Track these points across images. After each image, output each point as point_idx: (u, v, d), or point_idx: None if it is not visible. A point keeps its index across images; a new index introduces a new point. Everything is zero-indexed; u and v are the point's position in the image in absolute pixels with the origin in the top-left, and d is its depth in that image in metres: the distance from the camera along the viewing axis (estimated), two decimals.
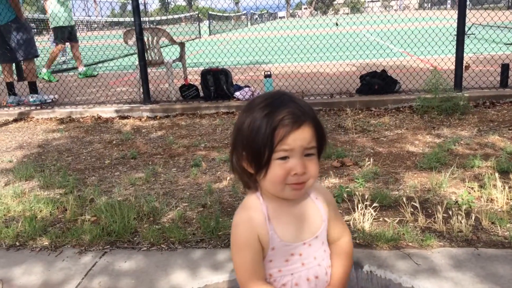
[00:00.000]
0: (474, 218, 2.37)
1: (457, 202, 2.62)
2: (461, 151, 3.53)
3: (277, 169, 1.12)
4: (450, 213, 2.46)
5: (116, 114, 5.61)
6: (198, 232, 2.47)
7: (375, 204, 2.54)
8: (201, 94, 5.92)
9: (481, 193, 2.70)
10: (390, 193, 2.80)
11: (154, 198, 2.93)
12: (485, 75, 5.67)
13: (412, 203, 2.51)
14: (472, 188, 2.79)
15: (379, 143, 3.89)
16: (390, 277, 1.97)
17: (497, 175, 2.75)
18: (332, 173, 3.22)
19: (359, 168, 3.29)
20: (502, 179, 2.76)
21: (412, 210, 2.49)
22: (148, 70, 5.94)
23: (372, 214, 2.44)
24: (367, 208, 2.45)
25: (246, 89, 5.70)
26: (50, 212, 2.82)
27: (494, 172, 2.90)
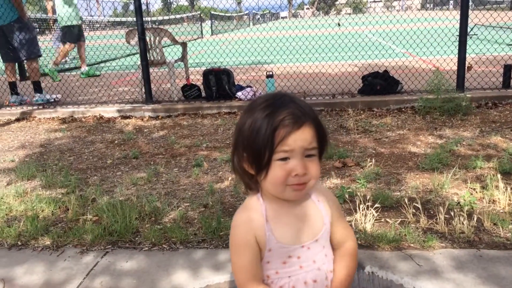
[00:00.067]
0: (476, 219, 2.36)
1: (459, 203, 2.62)
2: (463, 152, 3.52)
3: (278, 170, 1.12)
4: (452, 214, 2.46)
5: (118, 114, 5.62)
6: (200, 232, 2.47)
7: (377, 205, 2.54)
8: (203, 94, 5.92)
9: (483, 194, 2.70)
10: (392, 194, 2.79)
11: (156, 198, 2.93)
12: (488, 76, 5.66)
13: (414, 204, 2.51)
14: (474, 189, 2.78)
15: (381, 144, 3.89)
16: (392, 278, 1.97)
17: (499, 176, 2.75)
18: (334, 174, 3.22)
19: (361, 169, 3.29)
20: (504, 180, 2.75)
21: (414, 211, 2.49)
22: (150, 70, 5.95)
23: (374, 215, 2.44)
24: (369, 209, 2.45)
25: (248, 89, 5.69)
26: (52, 212, 2.83)
27: (496, 173, 2.90)
